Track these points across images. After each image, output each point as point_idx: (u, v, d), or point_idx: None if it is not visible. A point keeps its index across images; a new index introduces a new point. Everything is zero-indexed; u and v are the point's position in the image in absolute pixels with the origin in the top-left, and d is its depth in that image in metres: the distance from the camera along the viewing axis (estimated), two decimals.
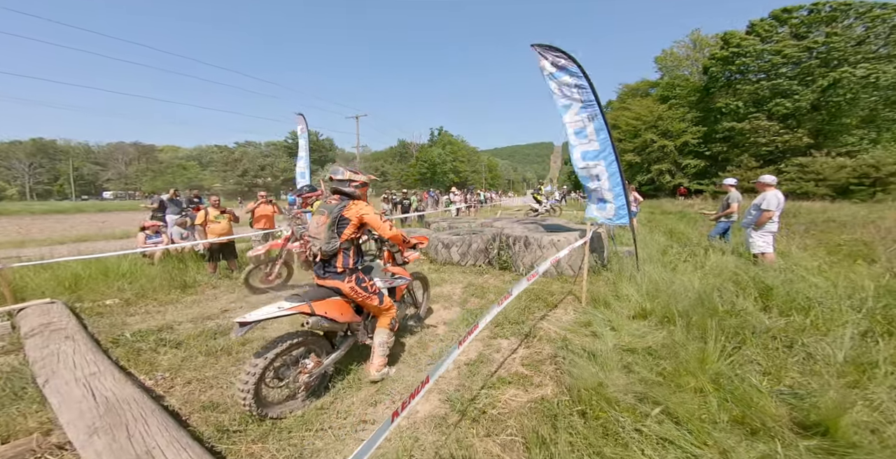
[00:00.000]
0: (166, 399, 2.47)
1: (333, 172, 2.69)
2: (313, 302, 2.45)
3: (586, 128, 4.71)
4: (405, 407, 1.40)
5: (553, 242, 5.13)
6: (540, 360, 3.00)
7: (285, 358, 2.36)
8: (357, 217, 2.58)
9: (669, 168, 31.59)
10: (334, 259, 2.60)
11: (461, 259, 5.97)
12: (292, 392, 2.45)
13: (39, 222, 10.10)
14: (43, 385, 2.24)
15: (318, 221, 2.58)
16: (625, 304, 3.90)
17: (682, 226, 9.48)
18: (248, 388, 2.11)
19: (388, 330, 2.78)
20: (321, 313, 2.43)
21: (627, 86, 41.06)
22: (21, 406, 2.27)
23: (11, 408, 2.25)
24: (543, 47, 4.77)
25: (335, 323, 2.56)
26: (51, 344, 2.74)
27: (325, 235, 2.53)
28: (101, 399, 1.99)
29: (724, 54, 28.05)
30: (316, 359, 2.49)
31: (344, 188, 2.64)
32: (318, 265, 2.66)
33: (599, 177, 4.80)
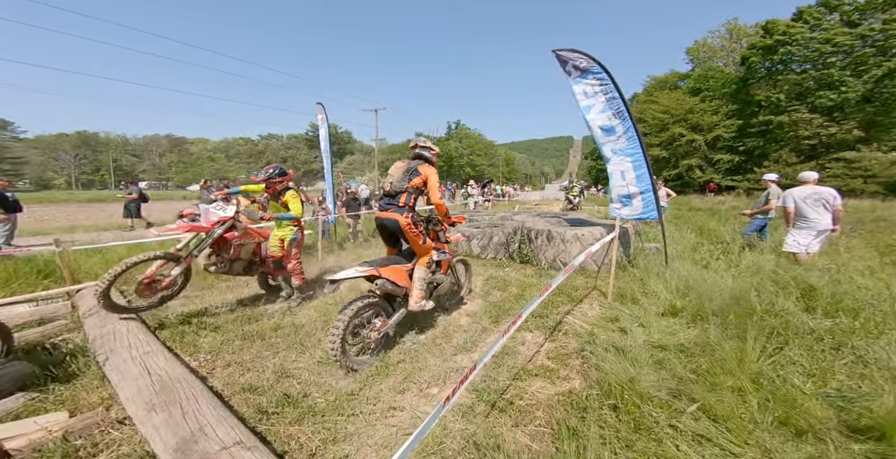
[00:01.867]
0: (209, 380, 2.61)
1: (420, 140, 3.45)
2: (380, 267, 3.02)
3: (614, 125, 4.62)
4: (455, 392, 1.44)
5: (577, 236, 5.04)
6: (566, 354, 2.98)
7: (360, 318, 2.88)
8: (425, 174, 3.19)
9: (699, 163, 30.30)
10: (399, 196, 3.16)
11: (482, 251, 5.96)
12: (364, 348, 2.96)
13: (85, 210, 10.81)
14: (103, 362, 2.41)
15: (398, 166, 3.27)
16: (653, 301, 3.81)
17: (713, 223, 9.09)
18: (336, 340, 2.58)
19: (425, 267, 3.27)
20: (386, 276, 3.00)
21: (655, 78, 39.48)
22: (84, 381, 2.45)
23: (77, 383, 2.43)
24: (565, 51, 4.72)
25: (396, 286, 3.09)
26: (107, 324, 2.94)
27: (399, 176, 3.17)
28: (156, 377, 2.12)
29: (766, 43, 26.45)
30: (383, 320, 3.03)
31: (425, 153, 3.37)
32: (384, 200, 3.27)
33: (626, 173, 4.69)
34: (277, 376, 2.72)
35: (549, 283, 2.44)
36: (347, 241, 8.49)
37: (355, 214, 8.52)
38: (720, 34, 35.54)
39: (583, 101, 4.79)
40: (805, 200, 4.44)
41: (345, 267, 3.08)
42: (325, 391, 2.56)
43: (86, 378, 2.46)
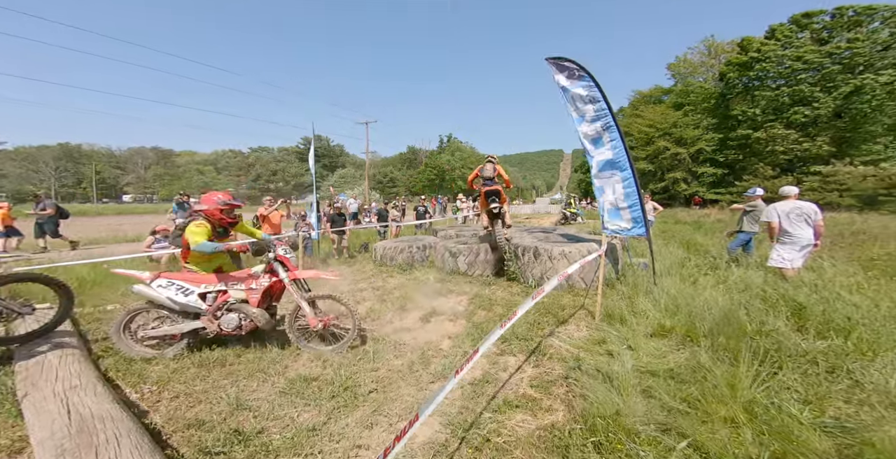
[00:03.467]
0: (150, 415, 2.33)
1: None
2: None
3: (602, 137, 4.56)
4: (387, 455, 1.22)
5: (564, 254, 4.91)
6: (550, 381, 2.78)
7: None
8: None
9: (684, 176, 30.94)
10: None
11: (468, 268, 5.78)
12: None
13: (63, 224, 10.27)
14: (22, 398, 2.12)
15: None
16: (642, 321, 3.66)
17: (700, 236, 9.11)
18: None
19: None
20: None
21: (640, 92, 40.65)
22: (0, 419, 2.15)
23: None
24: (557, 60, 4.70)
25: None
26: (38, 353, 2.64)
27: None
28: (76, 416, 1.86)
29: (742, 60, 27.58)
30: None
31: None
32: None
33: (615, 186, 4.61)
34: (232, 408, 2.45)
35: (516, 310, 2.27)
36: (332, 257, 8.23)
37: (340, 230, 8.29)
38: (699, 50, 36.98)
39: (573, 111, 4.73)
40: (788, 215, 4.41)
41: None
42: (283, 426, 2.30)
43: (1, 416, 2.16)
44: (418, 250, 6.54)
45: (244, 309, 3.21)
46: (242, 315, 3.21)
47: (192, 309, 3.19)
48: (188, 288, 3.19)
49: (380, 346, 3.38)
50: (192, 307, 3.18)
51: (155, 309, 3.24)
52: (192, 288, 3.19)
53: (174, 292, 3.15)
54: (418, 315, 4.27)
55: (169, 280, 3.18)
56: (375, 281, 5.91)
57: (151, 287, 3.14)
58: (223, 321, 3.18)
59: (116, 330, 3.13)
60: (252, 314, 3.19)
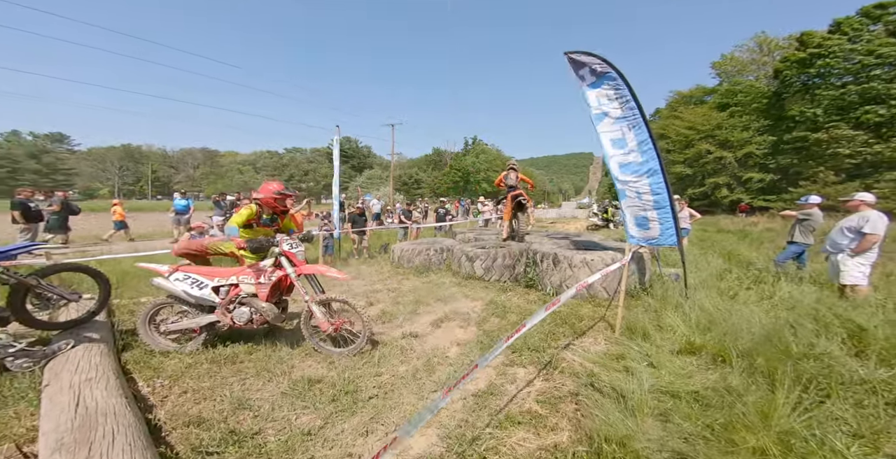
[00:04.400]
0: (156, 409, 2.40)
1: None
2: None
3: (625, 137, 4.25)
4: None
5: (585, 261, 4.65)
6: (559, 397, 2.60)
7: None
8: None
9: (728, 181, 28.87)
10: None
11: (485, 273, 5.63)
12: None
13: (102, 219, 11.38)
14: (44, 388, 2.25)
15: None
16: (668, 336, 3.37)
17: (744, 247, 8.40)
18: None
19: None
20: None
21: (680, 93, 38.43)
22: (21, 407, 2.29)
23: (10, 410, 2.27)
24: (577, 54, 4.43)
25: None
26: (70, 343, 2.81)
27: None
28: (82, 409, 1.93)
29: (800, 56, 25.38)
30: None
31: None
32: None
33: (641, 192, 4.28)
34: (234, 407, 2.48)
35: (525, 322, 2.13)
36: (352, 257, 8.36)
37: (360, 230, 8.41)
38: (749, 47, 34.48)
39: (595, 110, 4.44)
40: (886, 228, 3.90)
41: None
42: (280, 428, 2.30)
43: (21, 404, 2.31)
44: (436, 253, 6.48)
45: (254, 303, 3.27)
46: (253, 308, 3.27)
47: (206, 303, 3.29)
48: (202, 282, 3.29)
49: (386, 350, 3.33)
50: (206, 300, 3.27)
51: (177, 303, 3.37)
52: (205, 281, 3.29)
53: (189, 285, 3.26)
54: (430, 319, 4.20)
55: (185, 273, 3.30)
56: (391, 282, 5.91)
57: (169, 280, 3.27)
58: (235, 314, 3.26)
59: (143, 323, 3.29)
60: (261, 308, 3.24)
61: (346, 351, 3.26)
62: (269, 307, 3.25)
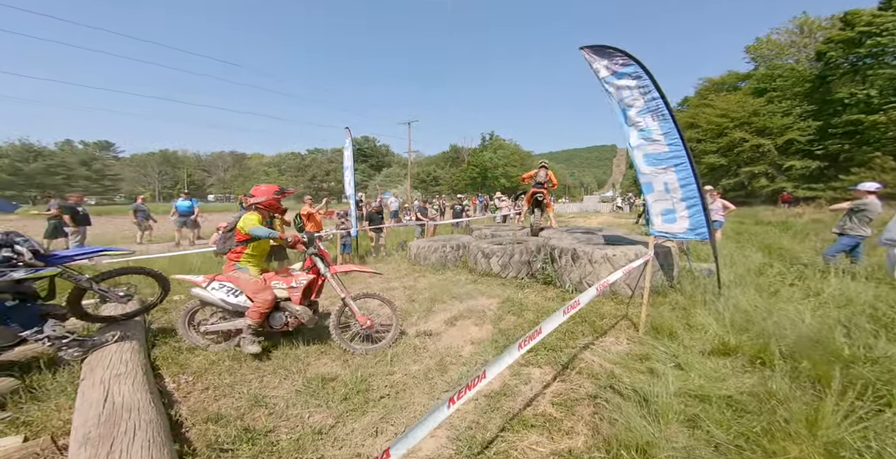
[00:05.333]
0: (179, 405, 2.49)
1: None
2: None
3: (649, 128, 4.07)
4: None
5: (607, 257, 4.45)
6: (576, 399, 2.49)
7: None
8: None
9: (766, 170, 27.08)
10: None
11: (502, 270, 5.52)
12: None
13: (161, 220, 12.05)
14: (80, 382, 2.37)
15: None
16: (698, 336, 3.17)
17: (786, 240, 7.81)
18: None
19: None
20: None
21: (710, 80, 36.42)
22: (59, 401, 2.42)
23: (52, 403, 2.41)
24: (594, 49, 4.26)
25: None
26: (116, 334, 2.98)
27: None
28: (110, 404, 2.02)
29: (846, 36, 23.41)
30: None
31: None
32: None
33: (668, 184, 4.07)
34: (251, 404, 2.54)
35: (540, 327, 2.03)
36: (370, 255, 8.45)
37: (377, 228, 8.47)
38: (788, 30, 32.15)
39: (617, 102, 4.29)
40: None
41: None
42: (292, 426, 2.32)
43: (61, 398, 2.45)
44: (452, 250, 6.42)
45: (289, 306, 3.34)
46: (287, 312, 3.35)
47: (242, 309, 3.38)
48: (238, 290, 3.39)
49: (400, 349, 3.32)
50: (242, 307, 3.36)
51: (209, 307, 3.49)
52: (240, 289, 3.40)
53: (226, 293, 3.36)
54: (445, 317, 4.15)
55: (221, 283, 3.41)
56: (407, 280, 5.91)
57: (207, 290, 3.37)
58: (271, 319, 3.34)
59: (182, 324, 3.43)
60: (296, 311, 3.31)
61: (380, 345, 3.32)
62: (304, 310, 3.32)
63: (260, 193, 3.44)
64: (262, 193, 3.43)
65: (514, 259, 5.43)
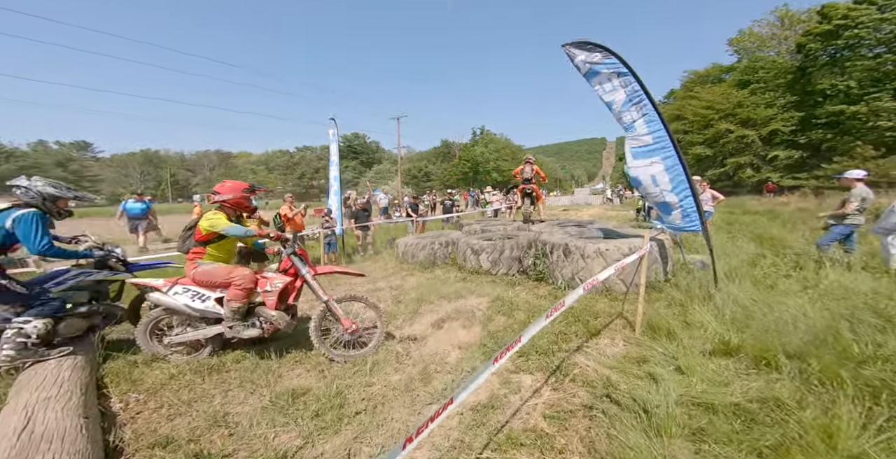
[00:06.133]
0: (123, 428, 2.19)
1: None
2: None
3: (635, 122, 3.93)
4: None
5: (600, 252, 4.25)
6: (570, 411, 2.27)
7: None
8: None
9: (751, 161, 27.50)
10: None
11: (492, 267, 5.30)
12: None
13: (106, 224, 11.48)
14: (2, 408, 2.05)
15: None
16: (698, 334, 2.99)
17: (776, 229, 7.76)
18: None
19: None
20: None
21: (695, 72, 36.86)
22: None
23: None
24: (576, 44, 4.11)
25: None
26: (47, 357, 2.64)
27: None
28: (27, 434, 1.73)
29: (824, 28, 23.76)
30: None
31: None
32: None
33: (655, 177, 3.92)
34: (209, 424, 2.26)
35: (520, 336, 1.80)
36: (357, 254, 8.15)
37: (364, 226, 8.16)
38: (769, 22, 32.50)
39: (604, 97, 4.15)
40: None
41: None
42: (254, 449, 2.05)
43: None
44: (441, 247, 6.17)
45: (263, 312, 3.05)
46: (262, 318, 3.06)
47: (210, 315, 3.08)
48: (204, 294, 3.07)
49: (381, 356, 3.07)
50: (210, 312, 3.06)
51: (174, 315, 3.15)
52: (207, 293, 3.07)
53: (190, 298, 3.04)
54: (432, 319, 3.91)
55: (185, 286, 3.08)
56: (394, 279, 5.65)
57: (167, 294, 3.04)
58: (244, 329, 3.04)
59: (143, 335, 3.07)
60: (271, 316, 3.02)
61: (365, 351, 3.09)
62: (280, 315, 3.03)
63: (226, 190, 3.10)
64: (229, 190, 3.09)
65: (505, 255, 5.21)
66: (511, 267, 5.22)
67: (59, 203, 2.84)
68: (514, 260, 5.21)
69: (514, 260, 5.21)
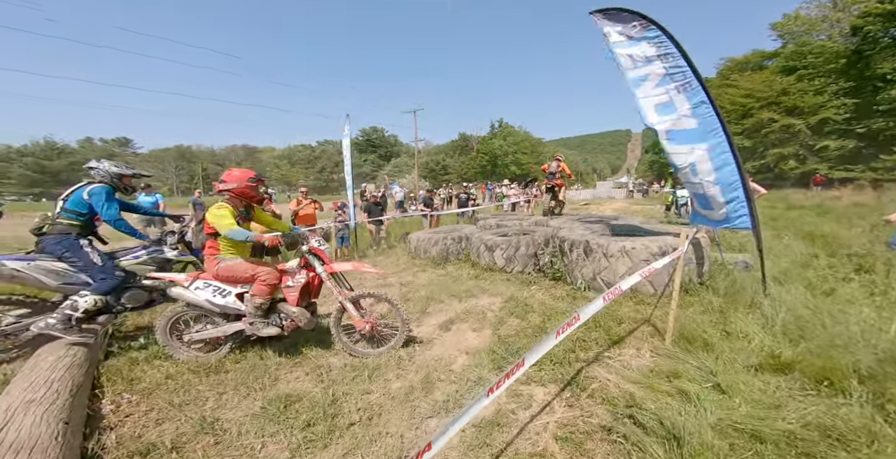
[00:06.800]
0: (108, 433, 2.10)
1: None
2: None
3: (673, 102, 3.50)
4: None
5: (625, 251, 3.87)
6: (586, 432, 1.99)
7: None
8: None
9: (796, 152, 25.53)
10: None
11: (506, 264, 5.00)
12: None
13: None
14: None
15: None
16: (741, 346, 2.62)
17: (828, 225, 7.00)
18: None
19: None
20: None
21: (732, 60, 34.61)
22: None
23: None
24: (607, 13, 3.72)
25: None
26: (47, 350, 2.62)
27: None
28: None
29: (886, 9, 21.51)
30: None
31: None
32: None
33: (697, 166, 3.49)
34: (196, 431, 2.14)
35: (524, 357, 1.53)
36: (370, 248, 8.03)
37: (377, 220, 8.02)
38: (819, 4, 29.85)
39: (631, 73, 3.73)
40: None
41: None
42: None
43: None
44: (454, 242, 5.92)
45: (284, 308, 2.95)
46: (283, 315, 2.96)
47: (231, 311, 3.00)
48: (225, 289, 2.97)
49: (382, 360, 2.87)
50: (231, 308, 2.97)
51: (195, 311, 3.07)
52: (228, 289, 2.97)
53: (211, 293, 2.95)
54: (440, 320, 3.69)
55: (206, 281, 2.99)
56: (405, 275, 5.46)
57: (189, 289, 2.97)
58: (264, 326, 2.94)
59: (163, 332, 3.02)
60: (293, 313, 2.91)
61: (384, 349, 2.97)
62: (301, 312, 2.92)
63: (232, 179, 2.95)
64: (235, 179, 2.95)
65: (520, 252, 4.90)
66: (527, 265, 4.91)
67: (123, 179, 3.31)
68: (529, 257, 4.89)
69: (529, 257, 4.89)
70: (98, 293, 2.96)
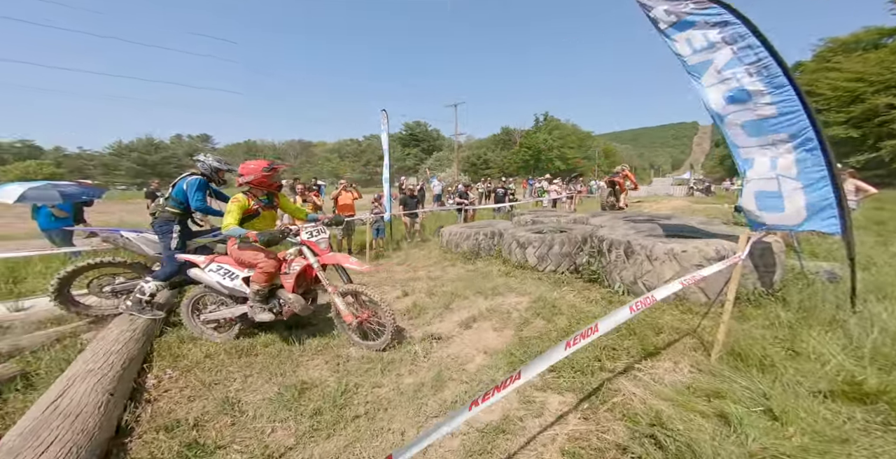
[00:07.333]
0: (145, 407, 2.31)
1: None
2: None
3: (747, 87, 3.01)
4: None
5: (673, 254, 3.43)
6: (598, 449, 1.80)
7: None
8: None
9: None
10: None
11: (538, 263, 4.73)
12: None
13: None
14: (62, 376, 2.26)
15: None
16: (810, 368, 2.21)
17: None
18: None
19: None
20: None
21: (836, 40, 29.51)
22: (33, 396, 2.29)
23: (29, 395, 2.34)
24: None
25: None
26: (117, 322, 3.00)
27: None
28: (52, 408, 1.87)
29: None
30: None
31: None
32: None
33: (777, 160, 3.00)
34: (219, 410, 2.29)
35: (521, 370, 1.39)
36: (405, 240, 8.12)
37: (412, 213, 8.08)
38: None
39: (691, 59, 3.30)
40: None
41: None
42: (247, 444, 2.00)
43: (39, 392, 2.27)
44: (486, 238, 5.75)
45: (282, 294, 3.11)
46: (280, 301, 3.12)
47: (237, 294, 3.22)
48: (234, 273, 3.21)
49: (398, 355, 2.87)
50: (238, 291, 3.19)
51: (211, 293, 3.37)
52: (236, 272, 3.21)
53: (222, 276, 3.20)
54: (462, 317, 3.60)
55: (219, 264, 3.26)
56: (435, 270, 5.42)
57: (205, 271, 3.25)
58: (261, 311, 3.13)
59: (186, 311, 3.34)
60: (288, 300, 3.06)
61: (374, 345, 2.98)
62: (296, 298, 3.05)
63: (248, 171, 3.11)
64: (251, 171, 3.10)
65: (554, 250, 4.60)
66: (560, 264, 4.60)
67: (219, 173, 3.65)
68: (564, 256, 4.58)
69: (564, 256, 4.58)
70: (158, 279, 3.40)
